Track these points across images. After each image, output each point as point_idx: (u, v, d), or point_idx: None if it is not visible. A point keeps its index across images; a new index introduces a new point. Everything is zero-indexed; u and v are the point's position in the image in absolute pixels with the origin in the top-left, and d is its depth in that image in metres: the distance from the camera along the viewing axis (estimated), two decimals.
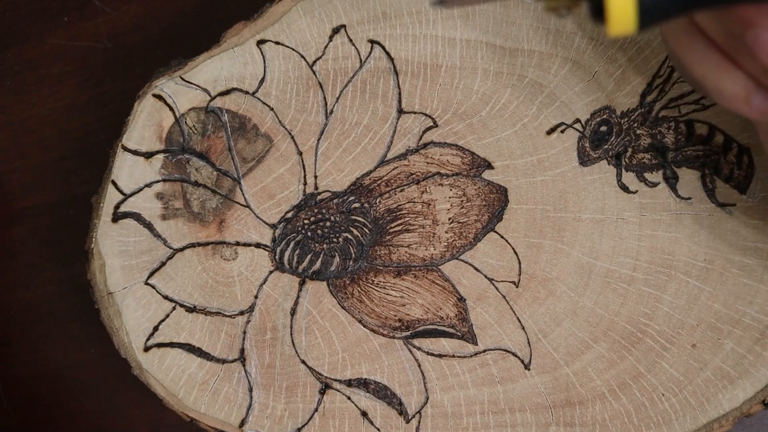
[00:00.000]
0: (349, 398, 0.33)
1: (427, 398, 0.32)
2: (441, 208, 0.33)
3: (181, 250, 0.33)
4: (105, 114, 0.38)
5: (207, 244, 0.33)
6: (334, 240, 0.33)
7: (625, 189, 0.32)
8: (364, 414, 0.33)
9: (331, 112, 0.33)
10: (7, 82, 0.38)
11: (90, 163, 0.39)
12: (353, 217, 0.33)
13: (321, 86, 0.33)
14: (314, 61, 0.33)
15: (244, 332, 0.33)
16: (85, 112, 0.38)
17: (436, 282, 0.33)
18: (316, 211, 0.33)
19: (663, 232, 0.32)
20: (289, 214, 0.33)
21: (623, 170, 0.32)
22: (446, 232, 0.33)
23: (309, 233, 0.33)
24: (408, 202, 0.33)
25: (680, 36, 0.23)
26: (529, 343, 0.32)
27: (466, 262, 0.33)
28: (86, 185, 0.39)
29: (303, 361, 0.33)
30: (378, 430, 0.32)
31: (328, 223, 0.33)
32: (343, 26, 0.33)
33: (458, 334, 0.32)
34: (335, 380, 0.33)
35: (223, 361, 0.33)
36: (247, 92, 0.33)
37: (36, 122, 0.38)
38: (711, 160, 0.31)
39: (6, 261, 0.41)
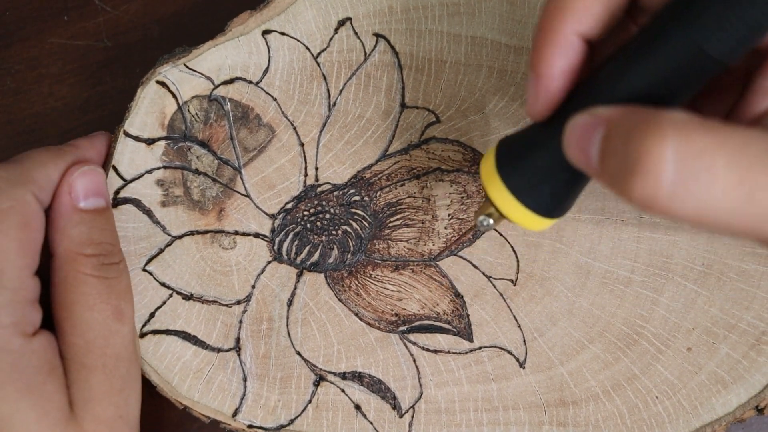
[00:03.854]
0: (343, 391, 0.32)
1: (421, 393, 0.32)
2: (441, 203, 0.33)
3: (180, 237, 0.33)
4: (105, 113, 0.38)
5: (206, 232, 0.33)
6: (333, 232, 0.33)
7: None
8: (358, 407, 0.32)
9: (334, 104, 0.33)
10: (7, 81, 0.38)
11: None
12: (353, 210, 0.33)
13: (325, 78, 0.33)
14: (319, 53, 0.33)
15: (240, 322, 0.33)
16: (85, 111, 0.38)
17: (434, 278, 0.33)
18: (316, 202, 0.33)
19: (662, 234, 0.32)
20: (289, 205, 0.33)
21: None
22: (445, 228, 0.33)
23: (308, 225, 0.33)
24: (408, 197, 0.33)
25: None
26: (524, 341, 0.32)
27: (465, 259, 0.33)
28: None
29: (298, 353, 0.33)
30: (371, 423, 0.32)
31: (327, 215, 0.33)
32: (349, 19, 0.33)
33: (454, 330, 0.32)
34: (330, 372, 0.33)
35: (219, 350, 0.33)
36: (250, 82, 0.33)
37: (36, 121, 0.38)
38: None
39: None
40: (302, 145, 0.33)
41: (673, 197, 0.18)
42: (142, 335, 0.32)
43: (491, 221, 0.27)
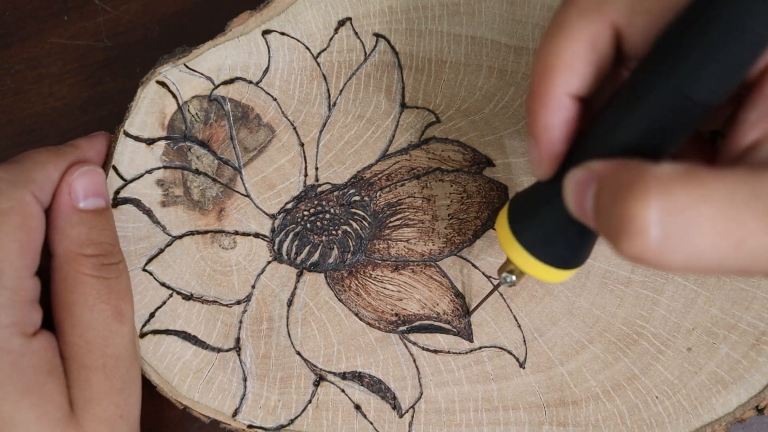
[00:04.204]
0: (343, 391, 0.32)
1: (421, 393, 0.32)
2: (441, 203, 0.33)
3: (180, 237, 0.33)
4: (105, 113, 0.38)
5: (206, 232, 0.33)
6: (333, 232, 0.33)
7: None
8: (358, 407, 0.33)
9: (334, 104, 0.33)
10: (7, 81, 0.38)
11: None
12: (353, 210, 0.33)
13: (325, 78, 0.33)
14: (319, 53, 0.33)
15: (240, 322, 0.33)
16: (85, 111, 0.38)
17: (434, 278, 0.33)
18: (316, 202, 0.33)
19: None
20: (289, 205, 0.33)
21: None
22: (445, 228, 0.33)
23: (308, 225, 0.33)
24: (408, 197, 0.33)
25: None
26: (524, 341, 0.32)
27: (465, 259, 0.33)
28: None
29: (298, 353, 0.33)
30: (371, 423, 0.32)
31: (327, 215, 0.33)
32: (349, 19, 0.33)
33: (454, 330, 0.32)
34: (330, 372, 0.33)
35: (219, 350, 0.33)
36: (250, 82, 0.33)
37: (36, 121, 0.38)
38: None
39: None
40: (302, 145, 0.33)
41: (661, 254, 0.19)
42: (142, 335, 0.32)
43: (513, 278, 0.28)
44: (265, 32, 0.33)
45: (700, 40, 0.19)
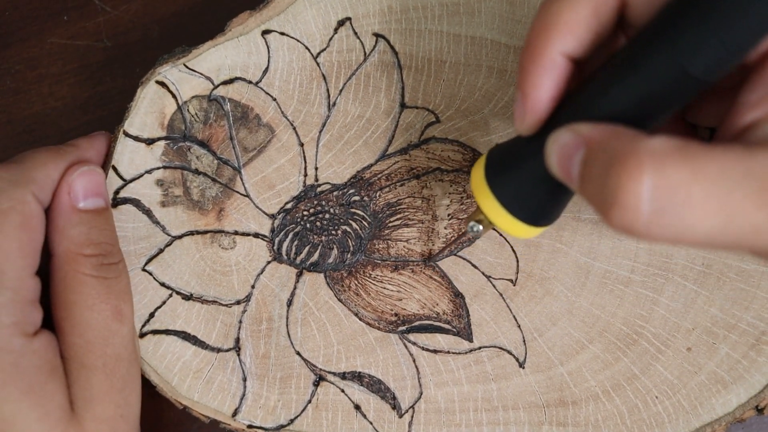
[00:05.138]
0: (342, 391, 0.33)
1: (421, 393, 0.32)
2: (441, 203, 0.33)
3: (180, 237, 0.33)
4: (105, 113, 0.38)
5: (206, 232, 0.33)
6: (333, 232, 0.33)
7: None
8: (357, 407, 0.33)
9: (334, 104, 0.33)
10: (7, 81, 0.38)
11: None
12: (353, 210, 0.33)
13: (324, 78, 0.33)
14: (318, 53, 0.33)
15: (240, 322, 0.33)
16: (85, 111, 0.38)
17: (434, 278, 0.33)
18: (315, 202, 0.33)
19: None
20: (289, 205, 0.33)
21: None
22: (445, 228, 0.33)
23: (308, 225, 0.33)
24: (408, 197, 0.33)
25: None
26: (524, 341, 0.32)
27: (464, 259, 0.33)
28: None
29: (298, 353, 0.33)
30: (371, 423, 0.32)
31: (327, 215, 0.33)
32: (349, 19, 0.33)
33: (454, 330, 0.32)
34: (329, 372, 0.33)
35: (218, 350, 0.33)
36: (250, 82, 0.33)
37: (36, 121, 0.38)
38: None
39: None
40: (302, 145, 0.33)
41: (651, 227, 0.19)
42: (142, 335, 0.33)
43: (480, 228, 0.28)
44: (265, 32, 0.33)
45: (705, 16, 0.19)
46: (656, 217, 0.18)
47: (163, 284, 0.33)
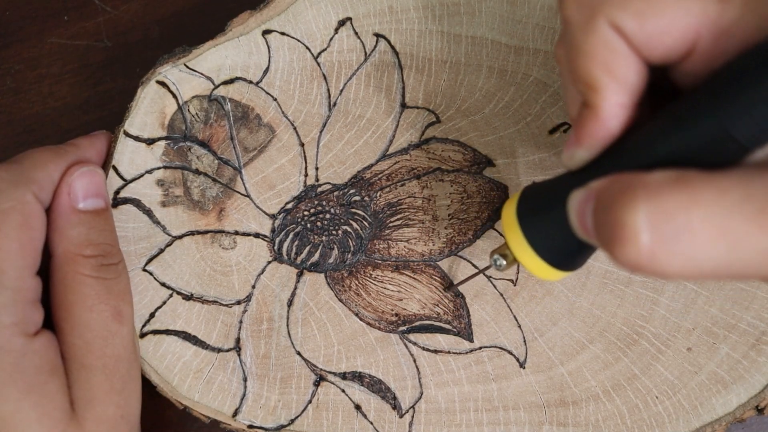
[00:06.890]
0: (343, 391, 0.32)
1: (422, 393, 0.32)
2: (441, 203, 0.33)
3: (180, 237, 0.33)
4: (105, 113, 0.38)
5: (206, 232, 0.33)
6: (334, 232, 0.33)
7: None
8: (358, 407, 0.33)
9: (335, 104, 0.33)
10: (7, 81, 0.38)
11: None
12: (353, 210, 0.33)
13: (325, 78, 0.33)
14: (319, 53, 0.33)
15: (241, 322, 0.33)
16: (86, 111, 0.38)
17: (434, 278, 0.33)
18: (316, 202, 0.33)
19: None
20: (289, 205, 0.33)
21: None
22: (446, 228, 0.33)
23: (308, 225, 0.33)
24: (408, 197, 0.33)
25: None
26: (524, 341, 0.32)
27: (465, 259, 0.33)
28: None
29: (298, 353, 0.33)
30: (371, 423, 0.32)
31: (327, 215, 0.33)
32: (349, 19, 0.33)
33: (454, 330, 0.32)
34: (330, 372, 0.33)
35: (219, 350, 0.33)
36: (250, 82, 0.33)
37: (36, 121, 0.38)
38: None
39: None
40: (302, 145, 0.33)
41: (655, 259, 0.18)
42: (142, 335, 0.32)
43: (504, 263, 0.28)
44: (265, 32, 0.33)
45: (756, 86, 0.19)
46: (658, 246, 0.18)
47: (163, 284, 0.33)
